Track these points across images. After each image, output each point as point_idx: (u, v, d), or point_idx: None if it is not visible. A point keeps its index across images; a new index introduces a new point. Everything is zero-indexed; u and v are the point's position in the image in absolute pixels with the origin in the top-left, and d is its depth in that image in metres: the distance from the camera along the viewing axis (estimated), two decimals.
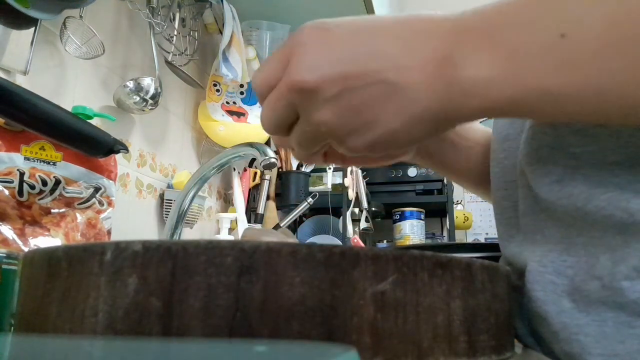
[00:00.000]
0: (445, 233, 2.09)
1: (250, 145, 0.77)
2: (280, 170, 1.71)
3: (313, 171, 1.80)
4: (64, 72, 0.92)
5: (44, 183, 0.75)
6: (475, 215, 2.22)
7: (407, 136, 0.30)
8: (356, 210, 1.74)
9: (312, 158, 0.37)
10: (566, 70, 0.25)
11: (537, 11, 0.26)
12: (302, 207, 1.26)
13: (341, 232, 1.68)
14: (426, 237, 1.90)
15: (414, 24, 0.29)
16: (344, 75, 0.28)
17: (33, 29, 0.80)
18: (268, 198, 1.64)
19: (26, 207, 0.73)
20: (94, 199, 0.82)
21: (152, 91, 1.07)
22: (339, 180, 1.75)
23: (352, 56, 0.29)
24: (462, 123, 0.30)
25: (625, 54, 0.24)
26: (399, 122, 0.29)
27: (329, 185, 1.76)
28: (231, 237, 1.42)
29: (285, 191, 1.67)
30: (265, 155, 0.74)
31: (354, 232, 1.70)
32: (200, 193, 0.87)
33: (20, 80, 0.81)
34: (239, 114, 1.44)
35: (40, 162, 0.75)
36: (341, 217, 1.70)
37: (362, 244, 1.67)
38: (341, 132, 0.30)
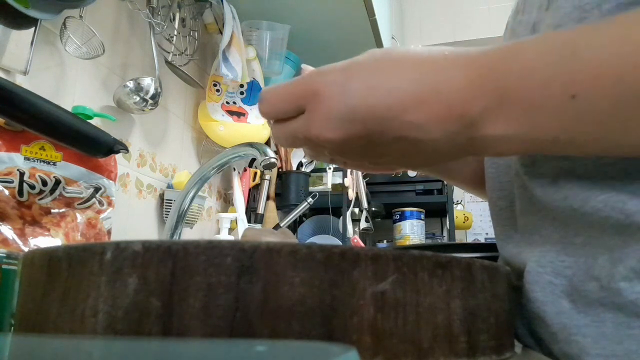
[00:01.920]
0: (445, 233, 2.09)
1: (250, 145, 0.77)
2: (280, 170, 1.71)
3: (313, 171, 1.80)
4: (64, 72, 0.92)
5: (44, 183, 0.75)
6: (475, 215, 2.22)
7: (432, 164, 0.33)
8: (356, 210, 1.74)
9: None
10: (580, 127, 0.26)
11: (547, 72, 0.26)
12: (302, 207, 1.26)
13: (341, 232, 1.68)
14: (426, 237, 1.90)
15: (428, 71, 0.29)
16: (366, 133, 0.30)
17: (33, 29, 0.80)
18: (268, 198, 1.64)
19: (26, 207, 0.73)
20: (94, 199, 0.82)
21: (152, 91, 1.07)
22: (339, 180, 1.75)
23: (371, 113, 0.29)
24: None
25: (637, 109, 0.24)
26: (423, 161, 0.32)
27: (329, 185, 1.76)
28: (231, 237, 1.42)
29: (285, 191, 1.67)
30: (265, 155, 0.74)
31: (354, 232, 1.70)
32: (200, 193, 0.87)
33: (20, 80, 0.81)
34: (239, 114, 1.44)
35: (40, 162, 0.75)
36: (341, 217, 1.70)
37: (362, 244, 1.67)
38: (367, 167, 0.35)
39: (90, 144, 0.71)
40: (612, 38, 0.25)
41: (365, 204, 1.74)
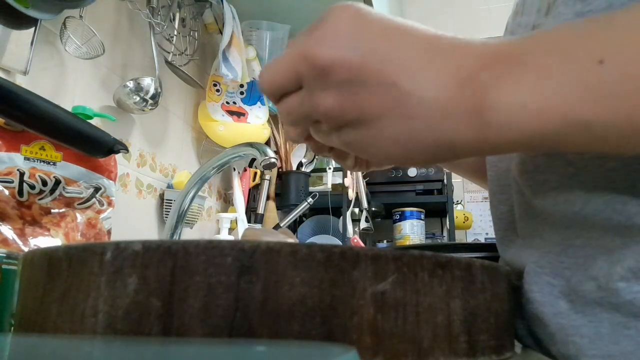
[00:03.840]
0: (445, 233, 2.09)
1: (250, 145, 0.77)
2: (280, 170, 1.71)
3: (313, 171, 1.80)
4: (64, 72, 0.92)
5: (44, 183, 0.75)
6: (475, 215, 2.22)
7: (401, 161, 0.28)
8: (356, 210, 1.74)
9: (296, 135, 0.35)
10: (606, 101, 0.22)
11: (574, 39, 0.24)
12: (302, 207, 1.26)
13: (341, 232, 1.68)
14: (426, 237, 1.90)
15: (444, 41, 0.27)
16: (359, 64, 0.26)
17: (33, 29, 0.80)
18: (268, 198, 1.64)
19: (26, 207, 0.73)
20: (94, 199, 0.82)
21: (152, 91, 1.07)
22: (339, 180, 1.75)
23: (374, 50, 0.27)
24: (465, 157, 0.28)
25: None
26: (397, 148, 0.27)
27: (329, 185, 1.76)
28: (231, 237, 1.42)
29: (285, 191, 1.67)
30: (265, 155, 0.74)
31: (354, 232, 1.70)
32: (200, 193, 0.87)
33: (20, 80, 0.81)
34: (239, 114, 1.45)
35: (40, 162, 0.75)
36: (341, 217, 1.70)
37: (362, 244, 1.67)
38: (337, 121, 0.28)
39: (90, 144, 0.71)
40: None
41: (365, 204, 1.74)
